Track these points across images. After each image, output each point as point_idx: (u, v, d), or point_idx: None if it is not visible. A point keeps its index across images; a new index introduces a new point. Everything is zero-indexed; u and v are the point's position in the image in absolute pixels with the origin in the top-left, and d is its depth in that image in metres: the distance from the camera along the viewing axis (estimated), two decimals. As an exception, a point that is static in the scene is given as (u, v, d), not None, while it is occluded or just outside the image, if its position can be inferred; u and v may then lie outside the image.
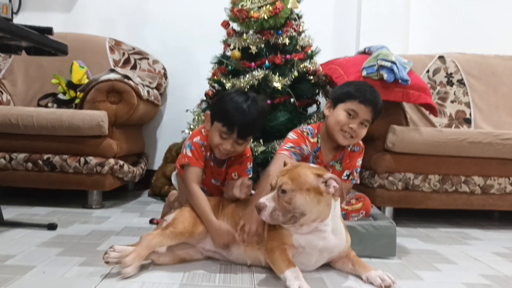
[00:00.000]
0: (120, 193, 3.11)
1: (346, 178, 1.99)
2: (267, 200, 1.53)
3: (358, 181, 2.05)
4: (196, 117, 2.79)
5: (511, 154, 2.60)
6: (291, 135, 1.98)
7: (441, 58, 3.34)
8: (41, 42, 1.97)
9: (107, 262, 1.52)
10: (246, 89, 2.46)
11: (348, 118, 1.90)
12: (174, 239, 1.64)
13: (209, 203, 1.74)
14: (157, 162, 3.55)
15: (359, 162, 2.02)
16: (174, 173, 2.07)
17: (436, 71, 3.30)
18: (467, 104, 3.23)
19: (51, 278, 1.49)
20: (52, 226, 2.11)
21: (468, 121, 3.18)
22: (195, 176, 1.78)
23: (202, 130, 1.88)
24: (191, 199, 1.75)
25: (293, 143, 1.92)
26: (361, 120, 1.91)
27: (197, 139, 1.84)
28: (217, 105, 1.84)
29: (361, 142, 2.04)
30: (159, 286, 1.46)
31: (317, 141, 1.99)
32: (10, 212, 2.42)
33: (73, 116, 2.58)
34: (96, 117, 2.57)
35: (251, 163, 1.95)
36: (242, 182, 1.80)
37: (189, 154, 1.81)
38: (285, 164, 1.67)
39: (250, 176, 1.93)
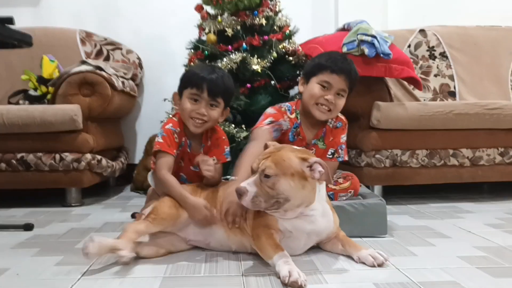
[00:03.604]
0: (101, 190, 3.01)
1: (331, 156, 1.92)
2: (248, 184, 1.44)
3: (346, 158, 1.98)
4: (174, 106, 2.70)
5: (498, 124, 2.57)
6: (270, 110, 1.92)
7: (422, 31, 3.28)
8: (2, 33, 1.86)
9: (86, 254, 1.40)
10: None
11: (322, 90, 1.85)
12: (158, 225, 1.57)
13: (185, 189, 1.67)
14: (138, 155, 3.44)
15: (343, 138, 1.96)
16: (150, 173, 1.99)
17: (417, 45, 3.24)
18: (451, 77, 3.17)
19: (26, 280, 1.41)
20: (28, 227, 2.02)
21: (452, 94, 3.13)
22: (164, 164, 1.72)
23: (175, 118, 1.82)
24: (163, 185, 1.70)
25: (273, 117, 1.86)
26: (336, 91, 1.85)
27: (169, 126, 1.78)
28: (183, 76, 1.85)
29: (343, 118, 1.98)
30: (140, 281, 1.38)
31: (296, 117, 1.93)
32: (-15, 216, 2.32)
33: (45, 111, 2.48)
34: (68, 111, 2.47)
35: (228, 146, 1.90)
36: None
37: (160, 140, 1.75)
38: (266, 146, 1.59)
39: (229, 159, 1.88)
